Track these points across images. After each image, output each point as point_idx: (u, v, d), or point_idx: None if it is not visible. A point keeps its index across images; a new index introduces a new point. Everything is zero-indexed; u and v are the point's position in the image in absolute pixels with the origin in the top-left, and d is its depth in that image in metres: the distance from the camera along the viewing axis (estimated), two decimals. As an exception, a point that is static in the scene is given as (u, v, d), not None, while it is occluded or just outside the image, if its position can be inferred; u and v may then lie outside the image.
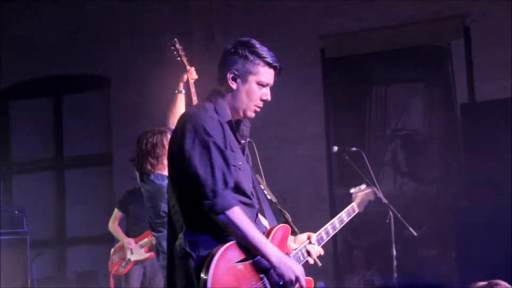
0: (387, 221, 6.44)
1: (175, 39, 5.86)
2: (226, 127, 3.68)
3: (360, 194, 5.05)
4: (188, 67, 5.86)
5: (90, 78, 11.33)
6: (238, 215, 3.52)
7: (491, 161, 7.78)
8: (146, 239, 8.55)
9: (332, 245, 9.81)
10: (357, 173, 6.68)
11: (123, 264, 8.58)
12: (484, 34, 9.39)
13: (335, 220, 4.36)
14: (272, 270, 3.61)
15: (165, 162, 5.65)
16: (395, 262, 6.52)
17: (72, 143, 11.46)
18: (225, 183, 3.54)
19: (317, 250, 3.98)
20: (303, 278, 3.65)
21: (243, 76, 3.72)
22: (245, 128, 3.86)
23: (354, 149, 7.04)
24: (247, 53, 3.72)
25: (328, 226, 4.26)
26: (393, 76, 10.27)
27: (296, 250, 3.89)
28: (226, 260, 3.48)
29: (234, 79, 3.72)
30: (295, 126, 10.08)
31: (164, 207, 5.66)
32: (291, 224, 4.19)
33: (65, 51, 11.13)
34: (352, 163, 6.81)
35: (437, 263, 9.27)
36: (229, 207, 3.50)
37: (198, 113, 3.66)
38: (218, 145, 3.55)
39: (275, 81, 3.89)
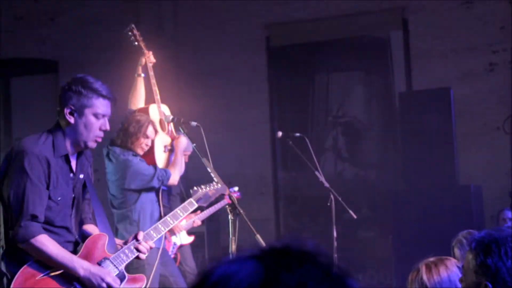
0: (328, 204, 6.55)
1: (132, 25, 5.98)
2: (59, 161, 3.88)
3: (202, 191, 5.24)
4: (145, 51, 5.96)
5: (38, 62, 11.34)
6: (41, 242, 3.78)
7: (426, 147, 7.91)
8: (186, 220, 7.11)
9: (275, 228, 10.05)
10: (300, 158, 6.80)
11: (171, 249, 6.98)
12: (421, 25, 9.68)
13: (168, 217, 4.57)
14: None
15: (137, 149, 5.93)
16: (335, 243, 6.58)
17: (22, 125, 11.46)
18: (32, 216, 3.75)
19: (145, 246, 4.16)
20: (113, 281, 3.89)
21: (79, 110, 3.92)
22: (86, 162, 4.07)
23: (297, 134, 7.06)
24: (80, 88, 3.93)
25: (159, 223, 4.46)
26: (335, 64, 10.47)
27: (117, 253, 4.06)
28: (29, 276, 3.74)
29: (71, 113, 3.92)
30: (240, 111, 10.23)
31: (129, 183, 5.83)
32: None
33: (13, 35, 11.15)
34: (295, 148, 6.85)
35: (375, 244, 9.54)
36: (31, 236, 3.76)
37: (29, 146, 3.85)
38: (33, 181, 3.75)
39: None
